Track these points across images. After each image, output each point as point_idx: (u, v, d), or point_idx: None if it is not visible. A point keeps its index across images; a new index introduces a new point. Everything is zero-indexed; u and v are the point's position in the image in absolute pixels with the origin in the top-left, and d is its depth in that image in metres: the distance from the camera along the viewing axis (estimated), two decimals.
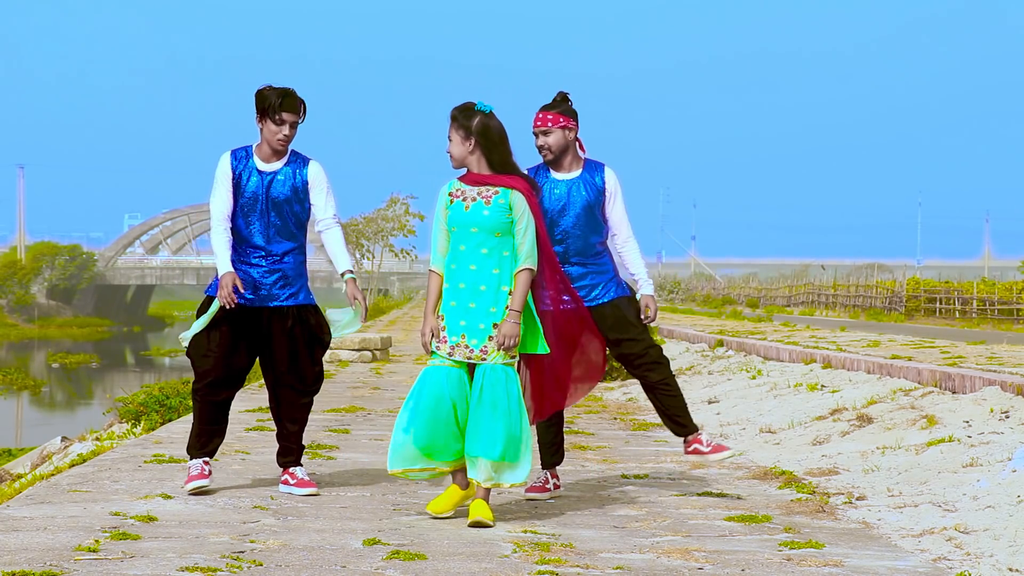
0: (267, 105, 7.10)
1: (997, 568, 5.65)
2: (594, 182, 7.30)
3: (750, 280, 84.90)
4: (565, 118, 7.24)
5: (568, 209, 7.26)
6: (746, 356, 17.53)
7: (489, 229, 6.56)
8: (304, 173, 7.24)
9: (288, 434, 7.38)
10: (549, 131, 7.24)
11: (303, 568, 5.42)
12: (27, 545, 5.70)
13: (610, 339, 7.37)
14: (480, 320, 6.55)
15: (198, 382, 7.28)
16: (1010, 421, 8.88)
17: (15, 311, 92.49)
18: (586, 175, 7.31)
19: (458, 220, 6.59)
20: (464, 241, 6.58)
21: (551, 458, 7.48)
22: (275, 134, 7.13)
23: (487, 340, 6.53)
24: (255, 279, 7.21)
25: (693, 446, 7.43)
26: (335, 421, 11.28)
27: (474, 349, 6.54)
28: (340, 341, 21.06)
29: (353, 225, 58.29)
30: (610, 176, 7.35)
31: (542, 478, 7.46)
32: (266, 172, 7.19)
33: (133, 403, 13.53)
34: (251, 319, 7.25)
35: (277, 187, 7.18)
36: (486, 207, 6.56)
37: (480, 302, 6.55)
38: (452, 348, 6.56)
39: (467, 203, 6.59)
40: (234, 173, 7.18)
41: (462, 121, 6.60)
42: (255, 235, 7.21)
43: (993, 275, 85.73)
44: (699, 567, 5.63)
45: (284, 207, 7.20)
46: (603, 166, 7.37)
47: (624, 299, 7.38)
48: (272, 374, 7.34)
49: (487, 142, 6.59)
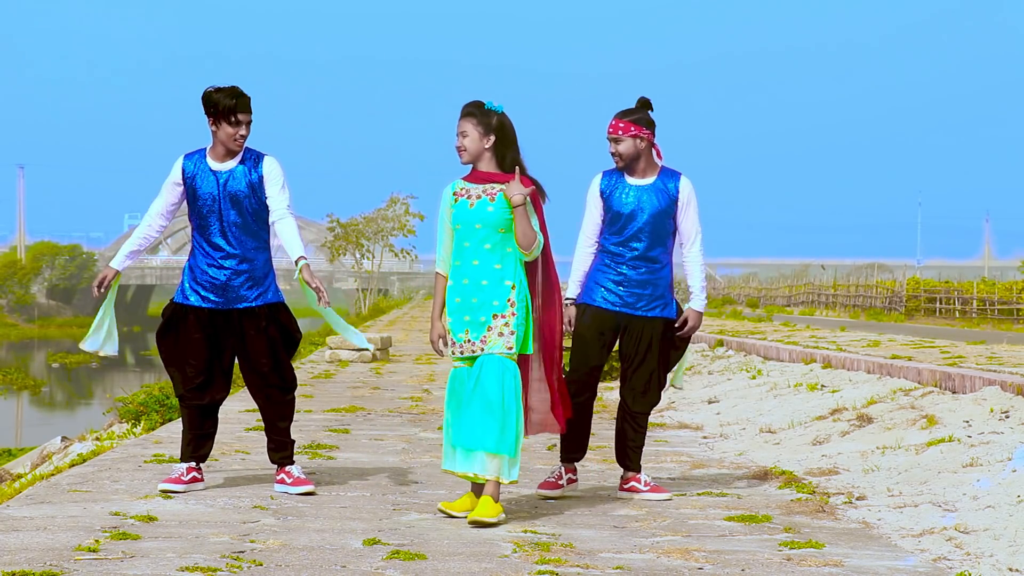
0: (221, 108, 7.11)
1: (997, 568, 5.65)
2: (667, 190, 7.28)
3: (750, 280, 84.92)
4: (637, 127, 7.21)
5: (637, 215, 7.25)
6: (746, 356, 17.52)
7: (493, 225, 6.58)
8: (259, 169, 7.24)
9: (280, 430, 7.41)
10: (620, 139, 7.23)
11: (303, 568, 5.42)
12: (27, 545, 5.70)
13: (626, 352, 7.40)
14: (482, 313, 6.57)
15: (181, 389, 7.31)
16: (1010, 421, 8.88)
17: (15, 311, 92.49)
18: (660, 182, 7.29)
19: (463, 217, 6.61)
20: (468, 238, 6.60)
21: (572, 453, 7.45)
22: (232, 136, 7.15)
23: (486, 331, 6.54)
24: (223, 281, 7.22)
25: (631, 483, 7.44)
26: (335, 421, 11.28)
27: (475, 342, 6.56)
28: (340, 341, 21.06)
29: (353, 225, 58.28)
30: (684, 185, 7.31)
31: (555, 473, 7.45)
32: (220, 172, 7.21)
33: (133, 403, 13.51)
34: (222, 322, 7.27)
35: (233, 185, 7.19)
36: (491, 203, 6.59)
37: (482, 296, 6.57)
38: (461, 346, 6.59)
39: (472, 201, 6.61)
40: (187, 176, 7.20)
41: (481, 117, 6.61)
42: (216, 236, 7.21)
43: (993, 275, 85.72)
44: (699, 567, 5.63)
45: (243, 204, 7.20)
46: (679, 175, 7.34)
47: (668, 321, 7.36)
48: (255, 376, 7.34)
49: (504, 140, 6.63)
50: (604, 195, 7.31)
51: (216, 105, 7.12)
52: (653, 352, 7.35)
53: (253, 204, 7.22)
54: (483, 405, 6.48)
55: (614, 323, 7.33)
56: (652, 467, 8.69)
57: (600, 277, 7.34)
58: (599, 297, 7.32)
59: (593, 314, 7.32)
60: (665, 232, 7.29)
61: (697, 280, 7.38)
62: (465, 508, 6.62)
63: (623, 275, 7.28)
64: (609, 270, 7.31)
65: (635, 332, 7.34)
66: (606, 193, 7.30)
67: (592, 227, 7.35)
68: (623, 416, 7.48)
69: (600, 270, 7.35)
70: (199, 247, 7.26)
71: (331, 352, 20.65)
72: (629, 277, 7.27)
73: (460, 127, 6.64)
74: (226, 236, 7.20)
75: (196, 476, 7.31)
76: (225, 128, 7.15)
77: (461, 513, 6.59)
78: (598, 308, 7.31)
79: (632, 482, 7.44)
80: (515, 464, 6.54)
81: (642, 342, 7.34)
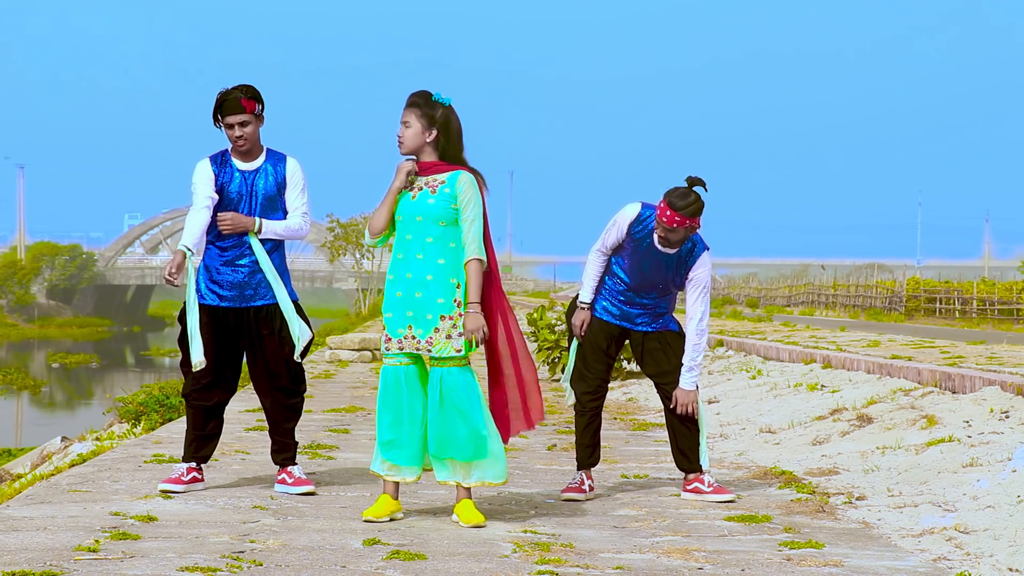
0: (215, 111, 7.15)
1: (997, 568, 5.65)
2: (686, 262, 7.26)
3: (750, 280, 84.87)
4: (693, 220, 7.11)
5: (653, 274, 7.26)
6: (746, 356, 17.52)
7: (434, 218, 6.43)
8: (283, 169, 7.26)
9: (285, 431, 7.39)
10: (675, 231, 7.12)
11: (303, 568, 5.42)
12: (27, 545, 5.70)
13: (638, 356, 7.45)
14: (427, 310, 6.44)
15: (189, 387, 7.31)
16: (1010, 421, 8.88)
17: (15, 311, 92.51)
18: (683, 253, 7.26)
19: (404, 209, 6.48)
20: (409, 230, 6.47)
21: (587, 459, 7.47)
22: (230, 138, 7.17)
23: (433, 331, 6.43)
24: (240, 280, 7.22)
25: (694, 484, 7.42)
26: (335, 421, 11.28)
27: (420, 340, 6.43)
28: (341, 341, 21.08)
29: (353, 225, 58.28)
30: (701, 266, 7.25)
31: (578, 479, 7.46)
32: (247, 171, 7.21)
33: (133, 403, 13.52)
34: (235, 321, 7.26)
35: (260, 184, 7.20)
36: (431, 195, 6.44)
37: (427, 292, 6.44)
38: (400, 341, 6.46)
39: (414, 192, 6.49)
40: (216, 176, 7.19)
41: (426, 109, 6.44)
42: (237, 235, 7.21)
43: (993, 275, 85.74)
44: (699, 567, 5.63)
45: (267, 204, 7.21)
46: (703, 251, 7.27)
47: (673, 334, 7.40)
48: (265, 376, 7.34)
49: (448, 135, 6.47)
50: (631, 232, 7.25)
51: (214, 106, 7.15)
52: (672, 348, 7.37)
53: (275, 203, 7.23)
54: (456, 415, 6.40)
55: (616, 332, 7.43)
56: (652, 467, 8.69)
57: (605, 290, 7.41)
58: (601, 309, 7.41)
59: (595, 323, 7.40)
60: (672, 292, 7.40)
61: (690, 358, 7.32)
62: (389, 509, 6.48)
63: (626, 298, 7.37)
64: (615, 288, 7.38)
65: (638, 339, 7.43)
66: (633, 232, 7.24)
67: (610, 244, 7.33)
68: (668, 419, 7.49)
69: (607, 284, 7.40)
70: (215, 246, 7.25)
71: (331, 352, 20.66)
72: (631, 300, 7.37)
73: (404, 116, 6.46)
74: (243, 235, 7.20)
75: (196, 476, 7.31)
76: (224, 130, 7.17)
77: (385, 517, 6.47)
78: (602, 320, 7.40)
79: (696, 483, 7.40)
80: (497, 463, 6.49)
81: (650, 352, 7.41)
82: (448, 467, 6.49)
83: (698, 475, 7.41)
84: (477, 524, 6.39)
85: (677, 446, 7.45)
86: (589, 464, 7.48)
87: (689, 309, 7.29)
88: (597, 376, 7.44)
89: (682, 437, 7.42)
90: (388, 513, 6.49)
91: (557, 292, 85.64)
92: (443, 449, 6.45)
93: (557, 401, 13.37)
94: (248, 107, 7.13)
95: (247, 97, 7.13)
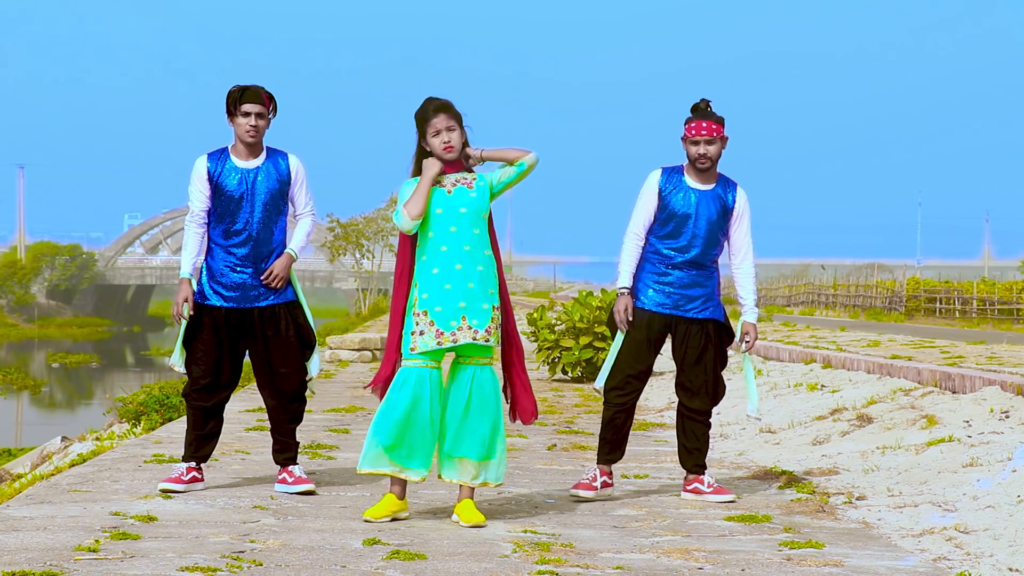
0: (230, 100, 7.16)
1: (997, 568, 5.65)
2: (724, 198, 7.22)
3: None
4: (720, 127, 7.14)
5: (693, 220, 7.18)
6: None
7: (477, 211, 6.48)
8: (285, 166, 7.27)
9: (287, 431, 7.39)
10: (713, 140, 7.13)
11: (303, 568, 5.42)
12: (27, 545, 5.70)
13: (678, 353, 7.36)
14: (483, 300, 6.46)
15: (189, 387, 7.31)
16: (1010, 421, 8.88)
17: (15, 311, 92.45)
18: (718, 189, 7.22)
19: (443, 202, 6.48)
20: (453, 222, 6.47)
21: (605, 455, 7.40)
22: (242, 127, 7.15)
23: (490, 321, 6.45)
24: (243, 281, 7.22)
25: (694, 484, 7.41)
26: (335, 421, 11.28)
27: (479, 330, 6.43)
28: (341, 341, 21.08)
29: (353, 225, 58.24)
30: (741, 196, 7.26)
31: (590, 474, 7.39)
32: (247, 169, 7.21)
33: (133, 403, 13.53)
34: (237, 322, 7.26)
35: (261, 182, 7.20)
36: (470, 191, 6.50)
37: (479, 283, 6.46)
38: (454, 334, 6.42)
39: (448, 188, 6.51)
40: (212, 174, 7.20)
41: (456, 113, 6.53)
42: (241, 235, 7.21)
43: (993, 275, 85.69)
44: (699, 567, 5.63)
45: (269, 202, 7.21)
46: (736, 185, 7.27)
47: (717, 324, 7.33)
48: (269, 377, 7.33)
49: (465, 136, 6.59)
50: (662, 193, 7.19)
51: (228, 98, 7.16)
52: (709, 351, 7.33)
53: (278, 202, 7.24)
54: (482, 413, 6.44)
55: (663, 325, 7.28)
56: (652, 467, 8.69)
57: (648, 278, 7.27)
58: (647, 299, 7.26)
59: (642, 316, 7.26)
60: (717, 240, 7.25)
61: (749, 292, 7.34)
62: (391, 509, 6.47)
63: (673, 277, 7.22)
64: (658, 271, 7.24)
65: (684, 333, 7.29)
66: (664, 191, 7.19)
67: (644, 221, 7.24)
68: (681, 417, 7.46)
69: (648, 271, 7.27)
70: (218, 246, 7.25)
71: (331, 352, 20.66)
72: (679, 279, 7.23)
73: (446, 123, 6.47)
74: (250, 234, 7.20)
75: (196, 476, 7.31)
76: (237, 120, 7.16)
77: (385, 517, 6.46)
78: (647, 311, 7.25)
79: (695, 483, 7.39)
80: (500, 464, 6.53)
81: (691, 342, 7.30)
82: (457, 466, 6.49)
83: (698, 475, 7.41)
84: (477, 524, 6.39)
85: (685, 445, 7.43)
86: (607, 460, 7.39)
87: (739, 243, 7.26)
88: (629, 370, 7.26)
89: (691, 437, 7.41)
90: (390, 513, 6.48)
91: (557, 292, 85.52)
92: (458, 447, 6.46)
93: (557, 401, 13.37)
94: (267, 101, 7.18)
95: (267, 93, 7.20)
